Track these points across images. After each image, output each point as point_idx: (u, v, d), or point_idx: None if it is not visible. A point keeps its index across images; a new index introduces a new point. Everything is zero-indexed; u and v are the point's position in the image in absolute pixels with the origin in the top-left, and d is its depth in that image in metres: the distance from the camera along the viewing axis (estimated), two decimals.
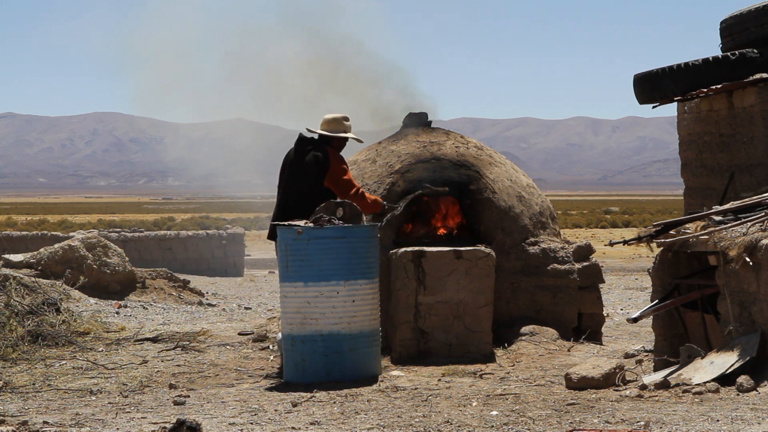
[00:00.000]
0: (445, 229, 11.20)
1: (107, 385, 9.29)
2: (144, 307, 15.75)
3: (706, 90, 10.25)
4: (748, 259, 8.35)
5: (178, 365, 10.34)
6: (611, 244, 10.07)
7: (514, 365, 10.03)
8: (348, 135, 10.17)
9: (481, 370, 9.79)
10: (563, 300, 11.26)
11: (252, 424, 7.49)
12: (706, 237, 8.78)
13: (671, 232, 9.17)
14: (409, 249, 10.48)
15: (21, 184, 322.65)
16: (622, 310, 16.13)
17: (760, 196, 9.26)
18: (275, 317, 12.54)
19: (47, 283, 14.20)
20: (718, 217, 8.98)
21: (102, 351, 11.18)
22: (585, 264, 11.48)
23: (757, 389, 7.94)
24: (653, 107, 11.18)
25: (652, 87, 10.73)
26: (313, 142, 10.11)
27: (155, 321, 14.18)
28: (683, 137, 11.12)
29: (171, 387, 9.21)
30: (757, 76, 10.09)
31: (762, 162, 10.11)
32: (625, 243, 9.78)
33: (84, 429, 7.40)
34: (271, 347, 11.12)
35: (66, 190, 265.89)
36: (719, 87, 10.15)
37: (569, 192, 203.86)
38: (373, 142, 12.23)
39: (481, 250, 10.53)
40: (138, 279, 17.15)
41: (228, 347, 11.31)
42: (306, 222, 9.54)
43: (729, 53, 10.29)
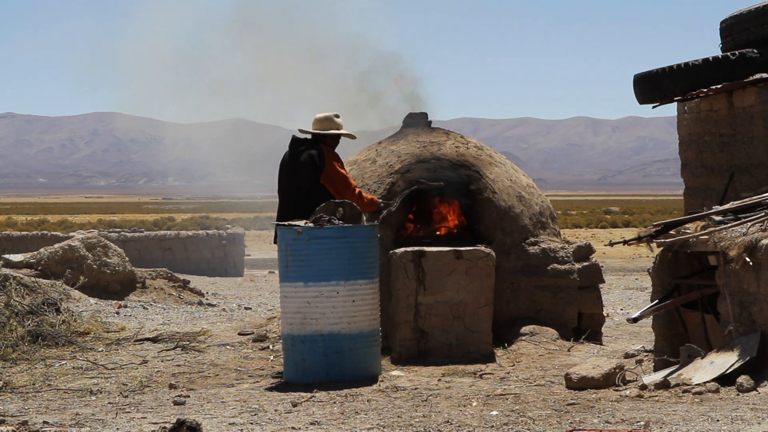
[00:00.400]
0: (445, 229, 11.20)
1: (107, 385, 9.29)
2: (144, 307, 15.74)
3: (706, 90, 10.25)
4: (748, 259, 8.35)
5: (178, 365, 10.34)
6: (611, 244, 10.06)
7: (514, 365, 10.02)
8: (340, 132, 10.16)
9: (481, 370, 9.79)
10: (563, 300, 11.25)
11: (252, 424, 7.48)
12: (706, 237, 8.77)
13: (671, 232, 9.16)
14: (409, 249, 10.48)
15: (21, 184, 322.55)
16: (622, 310, 16.12)
17: (760, 196, 9.26)
18: (275, 317, 12.54)
19: (47, 283, 14.20)
20: (718, 217, 8.98)
21: (102, 351, 11.18)
22: (585, 264, 11.49)
23: (757, 389, 7.94)
24: (653, 107, 11.17)
25: (652, 87, 10.72)
26: (307, 142, 10.11)
27: (155, 321, 14.17)
28: (683, 137, 11.12)
29: (171, 387, 9.21)
30: (757, 76, 10.09)
31: (762, 162, 10.11)
32: (625, 243, 9.78)
33: (84, 429, 7.40)
34: (272, 347, 11.12)
35: (66, 190, 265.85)
36: (719, 87, 10.15)
37: (569, 192, 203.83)
38: (374, 141, 12.23)
39: (481, 250, 10.53)
40: (138, 279, 17.14)
41: (228, 347, 11.31)
42: (306, 222, 9.54)
43: (729, 53, 10.28)
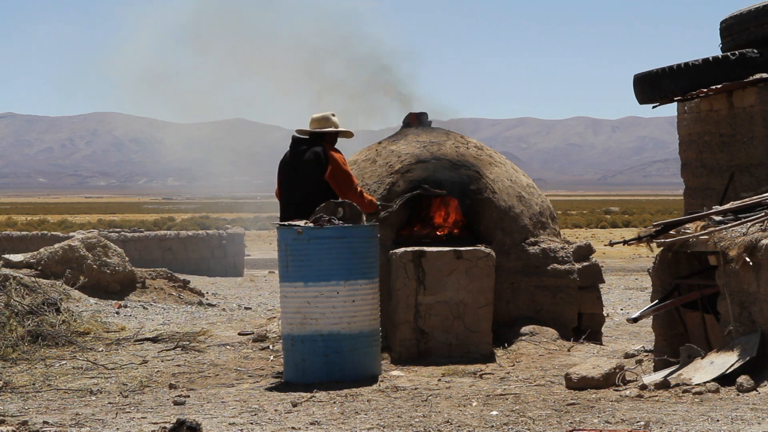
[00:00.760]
0: (445, 229, 11.21)
1: (107, 385, 9.29)
2: (144, 307, 15.73)
3: (706, 90, 10.25)
4: (748, 259, 8.34)
5: (178, 365, 10.34)
6: (611, 244, 10.06)
7: (514, 365, 10.02)
8: (339, 129, 10.22)
9: (481, 370, 9.79)
10: (563, 300, 11.25)
11: (252, 424, 7.48)
12: (706, 237, 8.77)
13: (671, 232, 9.16)
14: (409, 249, 10.48)
15: (21, 184, 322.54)
16: (622, 310, 16.12)
17: (760, 196, 9.26)
18: (275, 317, 12.54)
19: (47, 283, 14.20)
20: (718, 217, 8.98)
21: (102, 351, 11.18)
22: (585, 264, 11.49)
23: (757, 389, 7.94)
24: (653, 107, 11.18)
25: (652, 87, 10.72)
26: (307, 141, 10.15)
27: (155, 321, 14.17)
28: (683, 137, 11.12)
29: (171, 387, 9.21)
30: (757, 76, 10.09)
31: (762, 162, 10.11)
32: (625, 243, 9.78)
33: (84, 429, 7.40)
34: (272, 347, 11.12)
35: (66, 190, 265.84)
36: (719, 87, 10.15)
37: (569, 192, 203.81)
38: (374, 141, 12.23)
39: (481, 250, 10.53)
40: (138, 279, 17.13)
41: (228, 347, 11.31)
42: (306, 222, 9.54)
43: (729, 53, 10.28)
